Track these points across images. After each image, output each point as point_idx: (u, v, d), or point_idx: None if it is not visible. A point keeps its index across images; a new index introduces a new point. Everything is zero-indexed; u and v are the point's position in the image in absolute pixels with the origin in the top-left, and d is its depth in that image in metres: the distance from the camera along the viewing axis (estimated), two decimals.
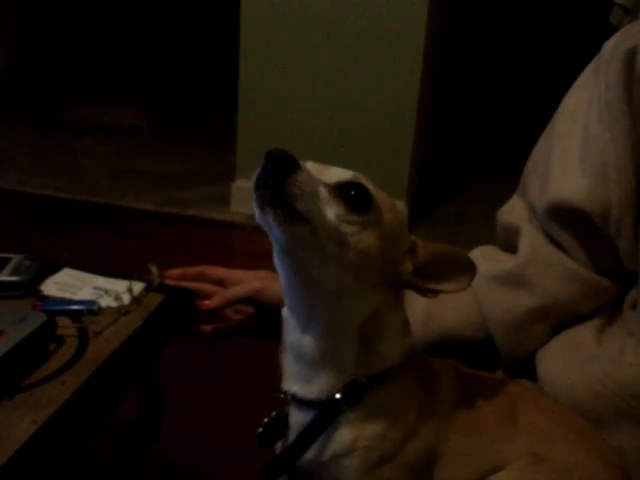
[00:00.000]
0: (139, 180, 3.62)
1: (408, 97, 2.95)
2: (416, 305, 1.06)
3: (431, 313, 1.05)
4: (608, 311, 0.99)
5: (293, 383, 0.84)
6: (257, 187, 0.73)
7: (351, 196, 0.76)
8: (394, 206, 0.81)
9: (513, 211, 1.08)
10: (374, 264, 0.78)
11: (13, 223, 3.07)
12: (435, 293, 0.83)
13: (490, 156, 4.19)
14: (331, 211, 0.74)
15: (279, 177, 0.71)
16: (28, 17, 5.37)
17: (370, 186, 0.78)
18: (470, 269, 0.81)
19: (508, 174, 3.80)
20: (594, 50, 0.99)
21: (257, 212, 0.75)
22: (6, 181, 3.50)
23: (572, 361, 0.95)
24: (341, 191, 0.76)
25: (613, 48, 0.91)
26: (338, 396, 0.80)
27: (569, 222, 0.95)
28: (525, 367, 1.03)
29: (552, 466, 0.81)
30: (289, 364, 0.84)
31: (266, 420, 0.86)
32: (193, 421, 1.90)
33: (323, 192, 0.75)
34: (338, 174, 0.78)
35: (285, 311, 0.83)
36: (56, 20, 5.50)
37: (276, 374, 0.88)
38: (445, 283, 0.82)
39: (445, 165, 3.98)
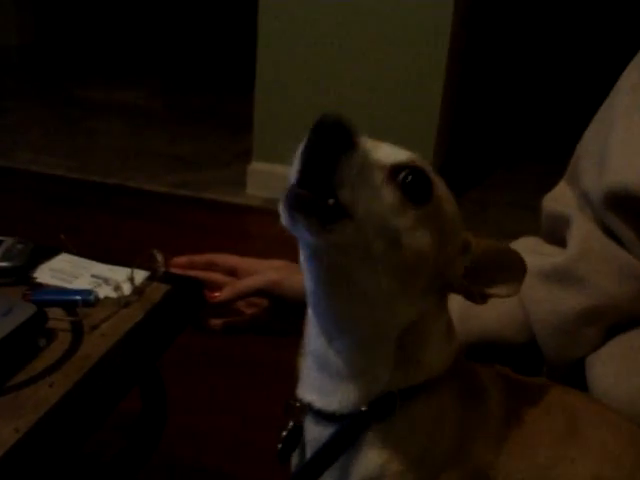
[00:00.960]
0: (153, 161, 3.52)
1: (433, 81, 2.83)
2: (451, 301, 0.94)
3: (469, 311, 0.93)
4: None
5: (310, 391, 0.72)
6: (300, 178, 0.60)
7: (408, 183, 0.63)
8: (452, 197, 0.70)
9: (561, 198, 0.96)
10: (426, 267, 0.66)
11: (22, 203, 2.99)
12: (485, 298, 0.71)
13: (515, 143, 4.05)
14: (384, 200, 0.62)
15: (328, 161, 0.58)
16: None
17: (430, 172, 0.66)
18: (522, 270, 0.70)
19: (533, 162, 3.74)
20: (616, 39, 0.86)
21: (285, 217, 0.60)
22: (17, 160, 3.42)
23: (630, 370, 0.84)
24: (396, 176, 0.63)
25: None
26: (364, 409, 0.69)
27: (630, 212, 0.83)
28: (572, 373, 0.91)
29: None
30: (308, 369, 0.73)
31: (284, 434, 0.75)
32: (200, 415, 1.81)
33: (377, 176, 0.62)
34: (393, 154, 0.65)
35: (310, 313, 0.72)
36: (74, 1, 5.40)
37: (294, 367, 0.77)
38: (496, 286, 0.70)
39: (469, 152, 3.85)
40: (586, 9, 4.51)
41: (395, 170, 0.63)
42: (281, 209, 0.60)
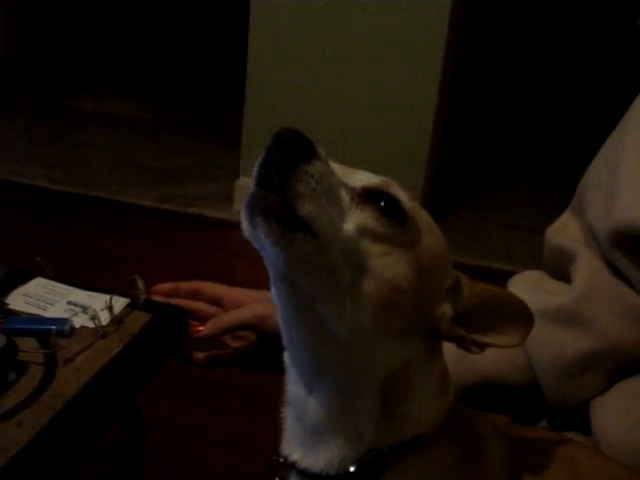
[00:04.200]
0: (139, 174, 3.46)
1: (425, 99, 2.79)
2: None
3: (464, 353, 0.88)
4: None
5: (293, 448, 0.67)
6: (258, 181, 0.56)
7: (379, 206, 0.58)
8: (436, 229, 0.64)
9: (565, 231, 0.91)
10: (404, 302, 0.60)
11: (4, 215, 2.92)
12: (481, 347, 0.66)
13: (508, 163, 4.03)
14: (351, 221, 0.57)
15: (286, 168, 0.54)
16: (32, 4, 5.22)
17: (405, 198, 0.61)
18: (527, 320, 0.65)
19: (526, 182, 3.71)
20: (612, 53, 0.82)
21: (245, 223, 0.57)
22: (0, 171, 3.34)
23: (636, 417, 0.79)
24: (367, 199, 0.59)
25: None
26: (352, 469, 0.64)
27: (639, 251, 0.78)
28: (575, 416, 0.87)
29: None
30: (290, 423, 0.68)
31: None
32: (184, 439, 1.74)
33: (344, 195, 0.57)
34: (365, 177, 0.61)
35: (286, 355, 0.67)
36: (60, 7, 5.35)
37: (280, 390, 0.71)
38: (493, 335, 0.65)
39: (461, 171, 3.82)
40: (578, 29, 4.51)
41: (365, 193, 0.59)
42: (242, 215, 0.56)
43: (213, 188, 3.29)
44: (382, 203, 0.59)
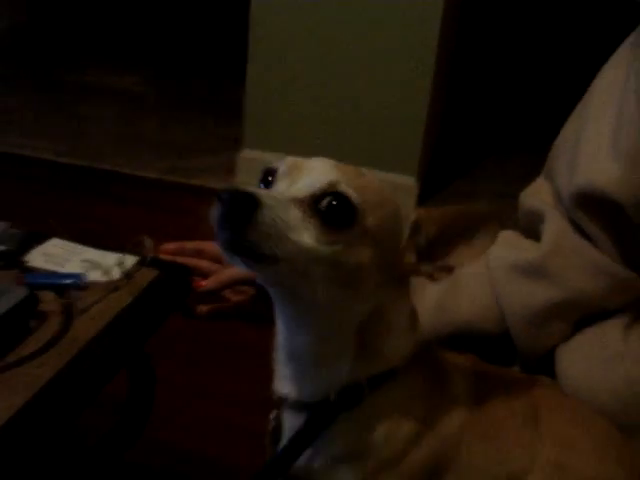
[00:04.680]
0: (144, 147, 3.53)
1: (422, 71, 2.85)
2: (427, 292, 0.98)
3: (444, 303, 0.97)
4: (636, 308, 0.91)
5: (284, 384, 0.76)
6: (218, 233, 0.65)
7: (330, 211, 0.66)
8: (384, 199, 0.71)
9: (538, 194, 1.00)
10: (369, 273, 0.69)
11: (11, 188, 3.00)
12: (450, 270, 0.72)
13: (504, 134, 4.08)
14: (309, 235, 0.65)
15: (238, 224, 0.62)
16: None
17: (350, 190, 0.67)
18: (489, 223, 0.71)
19: (522, 153, 3.75)
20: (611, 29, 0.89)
21: (226, 256, 0.67)
22: (6, 144, 3.42)
23: (595, 360, 0.88)
24: (317, 206, 0.66)
25: None
26: (332, 398, 0.73)
27: (598, 211, 0.87)
28: (544, 363, 0.95)
29: (576, 477, 0.74)
30: (280, 363, 0.77)
31: (272, 417, 0.79)
32: (185, 398, 1.84)
33: (296, 215, 0.65)
34: (312, 182, 0.67)
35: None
36: None
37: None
38: (462, 249, 0.71)
39: (458, 142, 3.88)
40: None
41: (315, 200, 0.66)
42: (221, 250, 0.66)
43: (216, 160, 3.37)
44: (333, 203, 0.66)
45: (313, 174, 0.68)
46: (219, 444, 1.72)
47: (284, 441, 0.77)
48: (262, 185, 0.72)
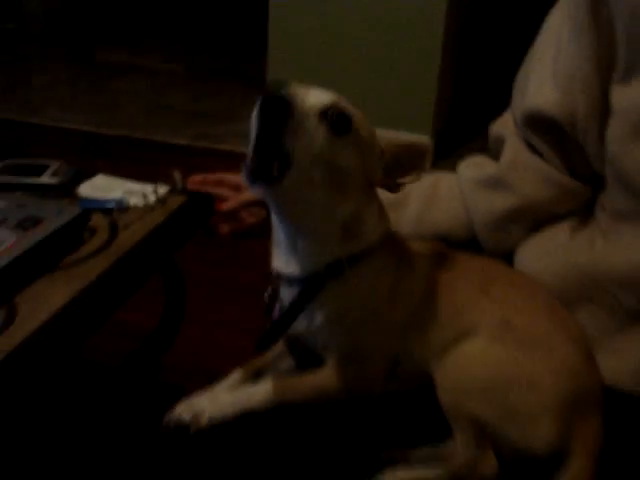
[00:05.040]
0: (174, 117, 3.76)
1: (433, 33, 3.03)
2: (409, 208, 1.17)
3: (423, 216, 1.16)
4: (582, 213, 1.09)
5: (282, 263, 0.95)
6: (255, 153, 0.81)
7: (334, 121, 0.84)
8: (366, 122, 0.90)
9: (503, 123, 1.17)
10: (356, 178, 0.88)
11: (53, 158, 3.22)
12: (398, 187, 0.93)
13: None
14: (317, 139, 0.82)
15: (275, 129, 0.79)
16: None
17: (350, 109, 0.86)
18: (422, 159, 0.91)
19: None
20: None
21: (244, 180, 0.84)
22: (46, 117, 3.66)
23: (544, 251, 1.06)
24: (324, 116, 0.84)
25: None
26: (321, 271, 0.91)
27: (543, 129, 1.05)
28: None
29: (519, 333, 0.91)
30: (278, 247, 0.95)
31: (267, 294, 0.98)
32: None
33: (313, 121, 0.82)
34: (320, 98, 0.85)
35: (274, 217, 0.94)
36: None
37: None
38: (408, 175, 0.92)
39: (472, 102, 4.02)
40: None
41: (324, 112, 0.84)
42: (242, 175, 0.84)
43: (242, 127, 3.55)
44: (334, 116, 0.84)
45: (316, 92, 0.86)
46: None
47: (279, 310, 0.97)
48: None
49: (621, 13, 0.93)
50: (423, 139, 3.16)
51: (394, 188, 0.93)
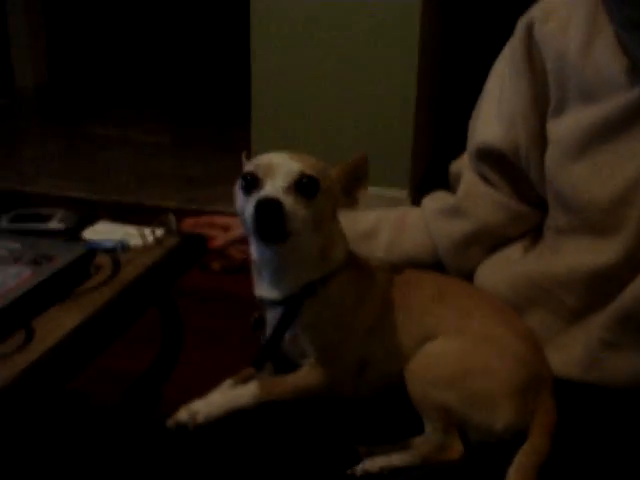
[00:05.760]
0: (163, 183, 3.92)
1: (406, 92, 3.25)
2: (379, 238, 1.31)
3: (392, 243, 1.30)
4: (534, 234, 1.23)
5: (264, 291, 1.08)
6: (263, 236, 0.98)
7: (305, 188, 0.98)
8: (322, 166, 1.04)
9: (460, 162, 1.32)
10: (328, 217, 1.05)
11: None
12: (356, 202, 1.08)
13: None
14: (301, 209, 0.97)
15: (276, 222, 0.95)
16: (56, 41, 5.72)
17: (311, 171, 1.00)
18: (364, 176, 1.07)
19: None
20: None
21: (260, 245, 1.02)
22: (39, 186, 3.81)
23: (499, 268, 1.20)
24: (297, 188, 0.98)
25: (520, 20, 1.16)
26: (297, 292, 1.05)
27: (492, 161, 1.20)
28: None
29: (472, 336, 1.05)
30: (260, 278, 1.08)
31: (253, 318, 1.13)
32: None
33: (292, 201, 0.97)
34: (288, 174, 0.99)
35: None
36: (82, 44, 5.83)
37: None
38: (360, 188, 1.07)
39: (449, 156, 4.20)
40: None
41: (295, 184, 0.98)
42: (254, 238, 1.01)
43: (229, 190, 3.71)
44: (304, 181, 0.98)
45: (285, 169, 1.00)
46: None
47: (268, 329, 1.10)
48: (244, 184, 1.02)
49: (549, 56, 1.10)
50: (402, 193, 3.35)
51: (353, 204, 1.08)
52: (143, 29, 5.67)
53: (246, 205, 0.99)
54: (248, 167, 1.03)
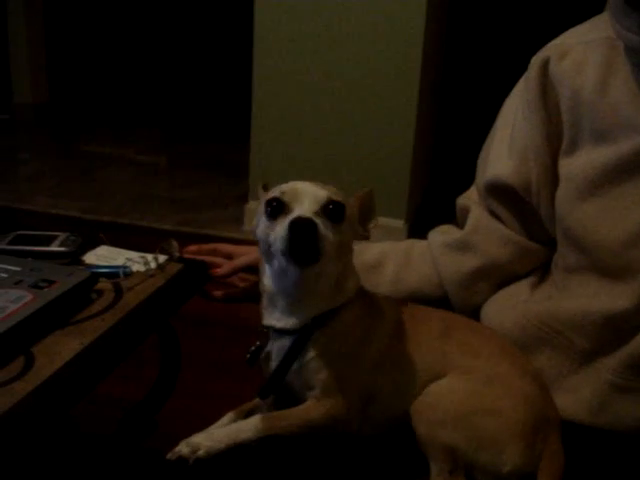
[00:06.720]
0: (158, 204, 3.91)
1: (405, 121, 3.27)
2: (386, 272, 1.30)
3: (399, 276, 1.29)
4: (541, 272, 1.23)
5: (274, 320, 1.08)
6: (296, 257, 0.97)
7: (333, 213, 1.00)
8: (346, 197, 1.05)
9: (468, 196, 1.32)
10: (349, 246, 1.06)
11: None
12: (368, 234, 1.11)
13: None
14: (329, 233, 0.98)
15: (313, 244, 0.96)
16: (56, 59, 5.74)
17: (341, 199, 1.03)
18: (374, 200, 1.11)
19: None
20: None
21: (289, 268, 1.00)
22: (36, 204, 3.79)
23: (506, 305, 1.19)
24: (325, 212, 1.00)
25: (534, 59, 1.16)
26: (309, 323, 1.05)
27: (502, 196, 1.20)
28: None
29: (478, 375, 1.04)
30: (272, 307, 1.08)
31: (252, 348, 1.11)
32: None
33: (325, 225, 0.98)
34: (317, 199, 1.00)
35: (268, 271, 1.07)
36: (82, 61, 5.86)
37: None
38: (371, 220, 1.11)
39: (446, 187, 4.20)
40: None
41: (323, 209, 1.00)
42: (284, 260, 0.98)
43: (225, 213, 3.73)
44: (331, 207, 1.00)
45: (312, 194, 1.01)
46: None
47: (274, 360, 1.08)
48: (269, 209, 1.02)
49: (564, 94, 1.09)
50: (398, 222, 3.34)
51: (366, 235, 1.10)
52: (143, 49, 5.71)
53: (274, 229, 0.99)
54: (273, 193, 1.03)
